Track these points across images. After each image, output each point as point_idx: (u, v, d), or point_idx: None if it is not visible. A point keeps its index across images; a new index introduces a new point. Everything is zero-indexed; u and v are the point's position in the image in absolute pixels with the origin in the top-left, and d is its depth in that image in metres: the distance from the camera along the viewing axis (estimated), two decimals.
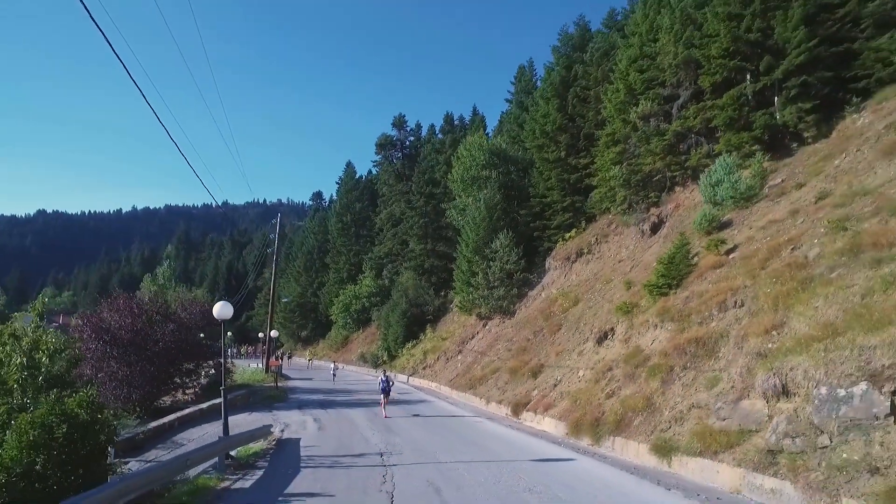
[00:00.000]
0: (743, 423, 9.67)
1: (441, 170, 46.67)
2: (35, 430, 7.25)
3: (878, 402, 7.47)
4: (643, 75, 26.54)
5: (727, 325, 12.68)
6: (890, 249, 10.08)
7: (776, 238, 14.62)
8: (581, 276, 27.26)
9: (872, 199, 12.81)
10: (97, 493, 6.02)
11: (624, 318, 17.54)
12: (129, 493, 6.74)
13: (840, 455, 7.53)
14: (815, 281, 11.15)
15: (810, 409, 8.41)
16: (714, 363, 12.01)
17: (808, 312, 10.28)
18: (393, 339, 40.99)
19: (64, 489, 7.20)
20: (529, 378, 20.79)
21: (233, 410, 19.49)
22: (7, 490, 6.72)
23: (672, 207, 24.91)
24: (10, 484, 6.79)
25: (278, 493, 8.47)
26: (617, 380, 14.91)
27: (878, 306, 8.82)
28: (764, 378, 9.63)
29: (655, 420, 12.05)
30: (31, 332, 10.75)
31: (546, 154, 32.34)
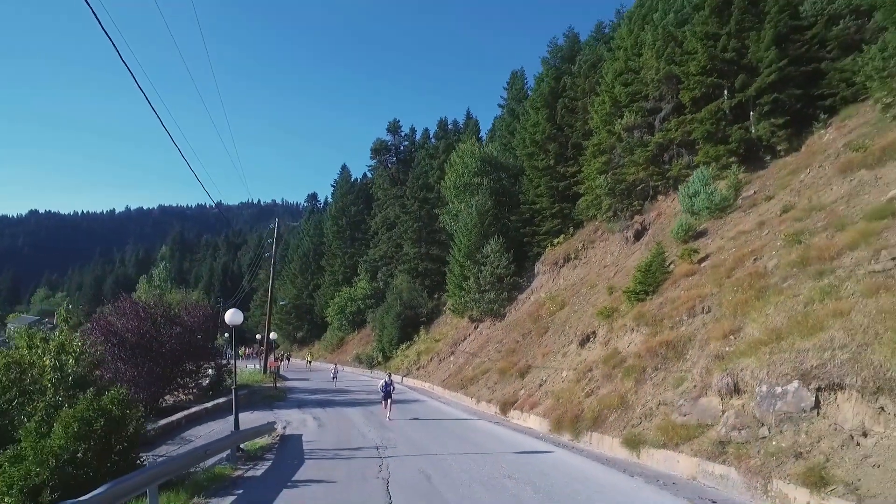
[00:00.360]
0: (701, 418, 10.85)
1: (435, 175, 47.78)
2: (77, 423, 8.35)
3: (805, 398, 8.67)
4: (628, 88, 27.79)
5: (695, 329, 13.87)
6: (831, 262, 11.29)
7: (742, 248, 15.84)
8: (568, 280, 28.46)
9: (825, 214, 14.05)
10: (141, 474, 7.11)
11: (605, 322, 18.73)
12: (163, 476, 7.84)
13: (774, 443, 8.72)
14: (769, 290, 12.35)
15: (754, 404, 9.60)
16: (681, 364, 13.18)
17: (761, 319, 11.48)
18: (387, 341, 42.08)
19: (102, 475, 8.29)
20: (517, 378, 21.94)
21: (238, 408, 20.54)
22: (57, 474, 7.81)
23: (654, 215, 26.15)
24: (59, 468, 7.88)
25: (287, 480, 9.58)
26: (596, 380, 16.07)
27: (814, 314, 10.02)
28: (719, 378, 10.82)
29: (628, 416, 13.21)
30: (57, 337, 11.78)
31: (536, 162, 33.55)
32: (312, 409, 21.24)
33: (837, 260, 11.28)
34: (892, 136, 15.46)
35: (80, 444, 8.25)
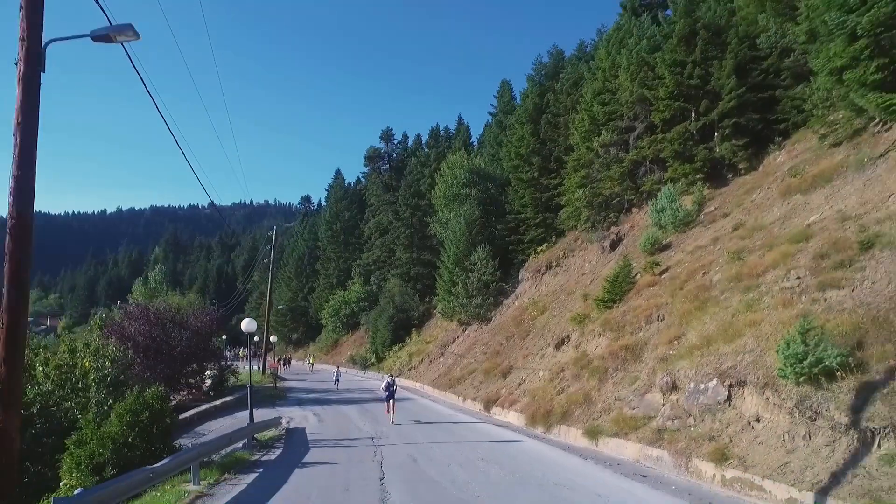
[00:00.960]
0: (646, 411, 12.86)
1: (426, 182, 49.71)
2: (128, 414, 10.23)
3: (720, 393, 10.69)
4: (605, 108, 29.83)
5: (650, 335, 15.88)
6: (757, 279, 13.33)
7: (696, 263, 17.88)
8: (550, 287, 30.47)
9: (763, 234, 16.11)
10: (188, 453, 9.01)
11: (577, 327, 20.74)
12: (203, 455, 9.73)
13: (696, 430, 10.73)
14: (710, 302, 14.38)
15: (684, 399, 11.62)
16: (637, 366, 15.18)
17: (699, 327, 13.51)
18: (381, 343, 43.97)
19: (147, 455, 10.17)
20: (500, 378, 23.90)
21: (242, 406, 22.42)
22: (115, 454, 9.70)
23: (629, 227, 28.21)
24: (117, 449, 9.76)
25: (297, 462, 11.48)
26: (566, 379, 18.06)
27: (736, 324, 12.05)
28: (661, 377, 12.84)
29: (590, 411, 15.20)
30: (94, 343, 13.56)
31: (521, 174, 35.58)
32: (312, 407, 23.12)
33: (762, 277, 13.31)
34: (824, 163, 17.54)
35: (130, 431, 10.14)
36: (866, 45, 11.35)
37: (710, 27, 25.33)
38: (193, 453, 9.26)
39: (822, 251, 12.17)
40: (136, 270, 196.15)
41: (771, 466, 8.57)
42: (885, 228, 11.23)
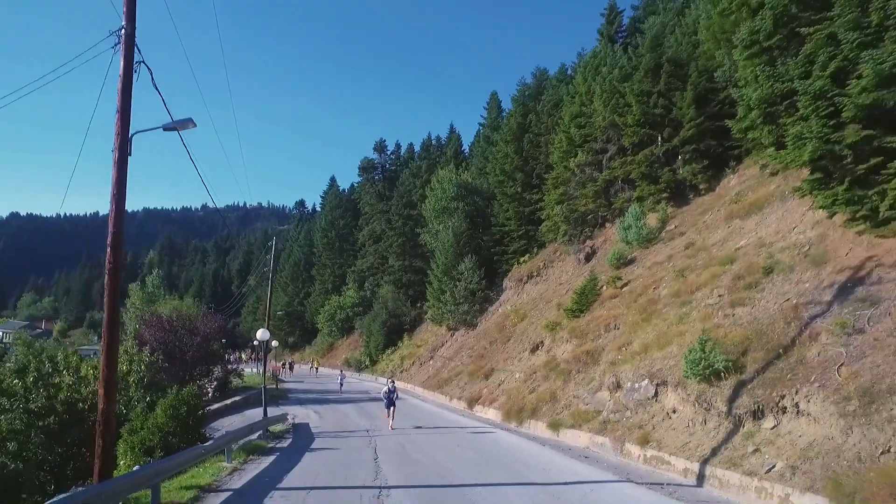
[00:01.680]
0: (596, 406, 15.40)
1: (418, 193, 52.20)
2: (171, 408, 12.67)
3: (650, 391, 13.24)
4: (581, 131, 32.43)
5: (607, 342, 18.44)
6: (691, 295, 15.91)
7: (651, 278, 20.46)
8: (530, 295, 33.03)
9: (705, 254, 18.71)
10: (226, 438, 11.47)
11: (549, 334, 23.30)
12: (234, 441, 12.19)
13: (630, 421, 13.28)
14: (654, 314, 16.96)
15: (623, 395, 14.17)
16: (595, 368, 17.72)
17: (642, 335, 16.07)
18: (374, 346, 46.40)
19: (186, 441, 12.60)
20: (483, 379, 26.42)
21: (249, 406, 24.85)
22: (161, 439, 12.13)
23: (602, 241, 30.81)
24: (163, 436, 12.19)
25: (306, 448, 13.93)
26: (538, 380, 20.59)
27: (669, 334, 14.61)
28: (609, 378, 15.39)
29: (555, 407, 17.72)
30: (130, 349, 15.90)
31: (505, 189, 38.16)
32: (312, 406, 25.56)
33: (694, 294, 15.90)
34: (761, 192, 20.16)
35: (172, 422, 12.57)
36: (758, 115, 14.00)
37: (674, 61, 27.96)
38: (228, 438, 11.71)
39: (739, 273, 14.77)
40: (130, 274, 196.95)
41: (677, 446, 11.11)
42: (784, 256, 13.83)
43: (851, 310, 10.05)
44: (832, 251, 12.42)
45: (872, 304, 9.78)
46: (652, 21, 34.07)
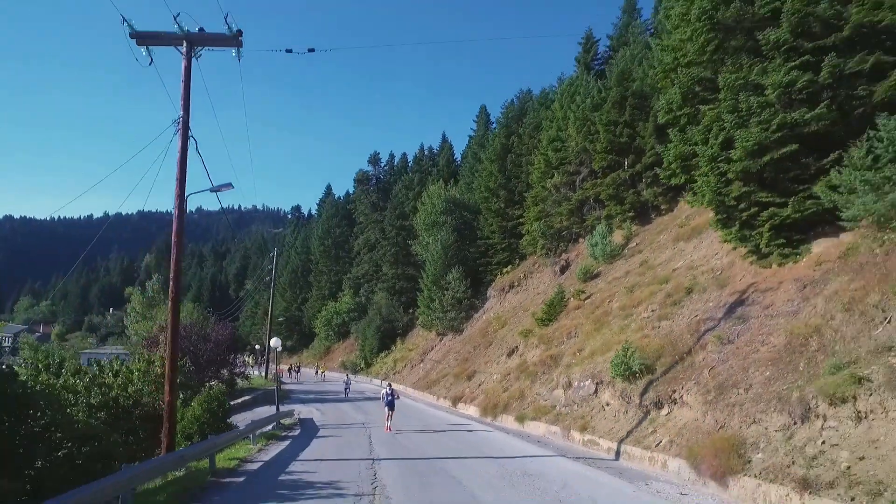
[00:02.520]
0: (552, 402, 18.55)
1: (410, 205, 55.31)
2: (205, 402, 15.74)
3: (591, 388, 16.42)
4: (558, 154, 35.66)
5: (566, 348, 21.60)
6: (633, 309, 19.10)
7: (608, 292, 23.65)
8: (511, 304, 36.20)
9: (652, 272, 21.90)
10: (252, 426, 14.57)
11: (523, 340, 26.46)
12: (255, 429, 15.28)
13: (576, 413, 16.44)
14: (605, 325, 20.14)
15: (572, 392, 17.34)
16: (555, 370, 20.86)
17: (592, 343, 19.25)
18: (369, 350, 49.46)
19: (215, 430, 15.65)
20: (466, 380, 29.54)
21: (257, 404, 27.88)
22: (198, 428, 15.19)
23: (575, 255, 34.01)
24: (200, 426, 15.26)
25: (314, 435, 17.00)
26: (511, 381, 23.73)
27: (612, 341, 17.77)
28: (563, 378, 18.56)
29: (522, 404, 20.85)
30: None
31: (490, 205, 41.36)
32: (314, 404, 28.62)
33: (636, 308, 19.09)
34: (703, 217, 23.24)
35: (206, 414, 15.65)
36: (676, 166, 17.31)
37: (637, 94, 31.16)
38: (253, 426, 14.81)
39: (670, 292, 17.98)
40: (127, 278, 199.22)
41: (606, 431, 14.27)
42: (702, 279, 17.05)
43: (730, 325, 13.26)
44: (733, 277, 15.65)
45: (744, 321, 12.99)
46: (623, 53, 37.31)
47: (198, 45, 12.61)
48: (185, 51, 12.44)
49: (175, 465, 9.84)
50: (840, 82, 12.22)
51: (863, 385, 8.22)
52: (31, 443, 8.74)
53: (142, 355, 19.22)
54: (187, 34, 12.36)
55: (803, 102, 12.53)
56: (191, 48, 12.50)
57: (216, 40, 12.68)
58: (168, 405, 11.66)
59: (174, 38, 12.39)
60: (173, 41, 12.45)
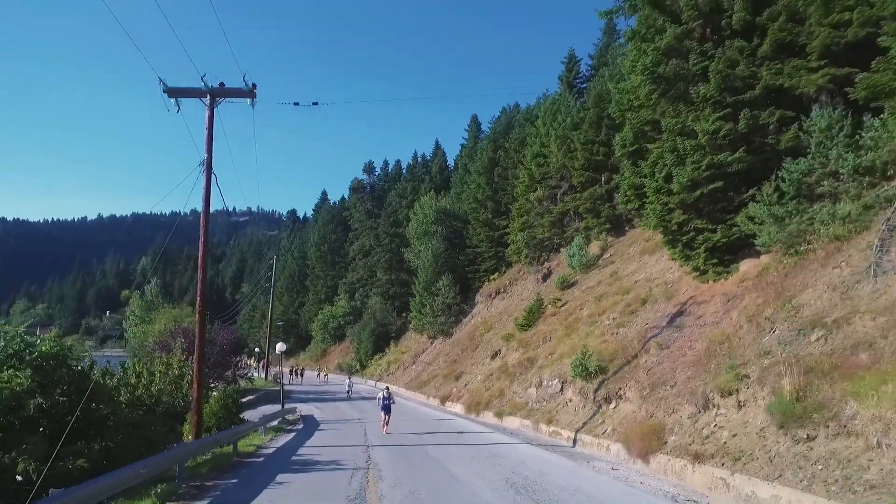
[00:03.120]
0: (526, 399, 20.99)
1: (404, 213, 57.75)
2: (221, 400, 18.10)
3: (557, 387, 18.87)
4: (540, 169, 38.12)
5: (542, 351, 24.03)
6: (599, 317, 21.55)
7: (581, 300, 26.10)
8: (497, 309, 38.63)
9: (619, 283, 24.36)
10: (263, 420, 16.93)
11: (505, 344, 28.89)
12: (266, 422, 17.67)
13: (545, 408, 18.88)
14: (574, 331, 22.59)
15: (542, 391, 19.79)
16: (530, 371, 23.27)
17: (562, 347, 21.68)
18: (364, 353, 51.80)
19: (229, 423, 18.02)
20: (454, 381, 31.93)
21: (261, 403, 30.17)
22: (216, 422, 17.54)
23: (556, 263, 36.47)
24: (217, 420, 17.60)
25: (315, 429, 19.36)
26: (493, 381, 26.15)
27: (578, 346, 20.19)
28: (535, 378, 21.01)
29: (502, 401, 23.26)
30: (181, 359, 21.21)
31: (478, 215, 43.81)
32: (313, 403, 30.96)
33: (601, 316, 21.55)
34: None
35: (221, 410, 18.00)
36: (631, 194, 19.77)
37: (613, 116, 33.69)
38: (264, 420, 17.21)
39: (629, 302, 20.45)
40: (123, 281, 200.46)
41: (567, 423, 16.71)
42: (656, 291, 19.53)
43: (669, 333, 15.74)
44: (679, 290, 18.14)
45: (679, 329, 15.47)
46: (602, 73, 39.83)
47: (219, 98, 14.98)
48: (208, 103, 14.82)
49: (213, 446, 12.24)
50: (755, 131, 14.73)
51: (743, 381, 10.70)
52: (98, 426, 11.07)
53: (160, 359, 21.57)
54: (210, 89, 14.75)
55: (726, 147, 15.02)
56: (213, 100, 14.88)
57: (235, 93, 15.08)
58: (196, 401, 14.02)
59: (199, 92, 14.77)
60: (199, 95, 14.83)
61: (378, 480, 10.24)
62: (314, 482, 10.37)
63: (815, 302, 11.49)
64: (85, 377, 11.18)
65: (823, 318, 10.69)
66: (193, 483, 9.97)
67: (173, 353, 24.64)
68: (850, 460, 7.62)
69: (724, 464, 9.48)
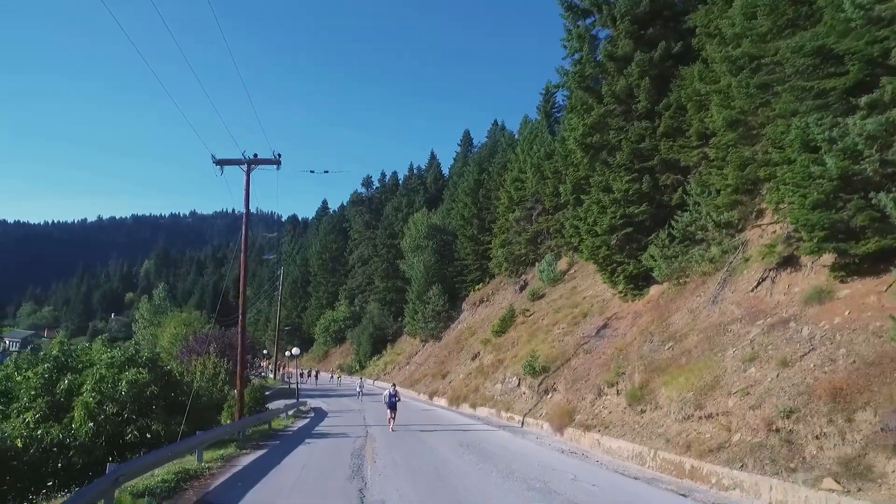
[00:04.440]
0: (494, 393, 26.05)
1: (399, 225, 62.79)
2: (252, 393, 23.15)
3: (515, 383, 23.95)
4: (518, 192, 43.15)
5: (509, 354, 29.06)
6: (552, 326, 26.61)
7: (544, 310, 31.15)
8: (480, 316, 43.68)
9: (574, 297, 29.43)
10: (286, 408, 21.94)
11: (483, 347, 33.95)
12: (285, 411, 22.70)
13: (507, 400, 23.95)
14: (535, 337, 27.63)
15: (505, 386, 24.86)
16: (499, 370, 28.31)
17: (524, 350, 26.73)
18: (363, 354, 56.83)
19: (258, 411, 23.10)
20: (441, 379, 36.98)
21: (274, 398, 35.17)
22: (248, 408, 22.58)
23: (531, 276, 41.50)
24: (249, 408, 22.64)
25: (325, 416, 24.40)
26: (471, 379, 31.18)
27: (534, 349, 25.27)
28: (501, 376, 26.08)
29: (476, 395, 28.30)
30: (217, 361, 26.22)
31: (465, 231, 48.89)
32: (320, 398, 35.99)
33: (555, 326, 26.61)
34: None
35: (252, 400, 23.05)
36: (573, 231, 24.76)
37: None
38: (286, 408, 22.26)
39: (575, 315, 25.53)
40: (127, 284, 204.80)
41: (519, 410, 21.76)
42: (594, 307, 24.59)
43: (594, 341, 20.81)
44: (608, 308, 23.21)
45: (601, 338, 20.54)
46: None
47: (254, 166, 20.02)
48: (245, 170, 19.86)
49: (257, 423, 17.44)
50: (654, 190, 19.81)
51: (621, 377, 15.78)
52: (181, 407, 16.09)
53: (199, 361, 26.57)
54: (248, 160, 19.78)
55: (635, 201, 20.09)
56: (249, 167, 19.92)
57: (265, 162, 20.09)
58: (239, 392, 19.04)
59: (239, 161, 19.79)
60: (238, 163, 19.85)
61: (373, 442, 15.29)
62: (331, 443, 15.42)
63: (679, 321, 16.59)
64: (169, 374, 16.23)
65: (676, 334, 15.79)
66: (251, 444, 15.01)
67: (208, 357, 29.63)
68: (655, 422, 12.71)
69: (600, 430, 14.56)
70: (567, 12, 22.44)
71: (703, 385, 11.95)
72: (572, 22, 22.44)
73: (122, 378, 14.02)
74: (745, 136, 14.19)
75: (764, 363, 11.03)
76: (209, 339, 35.67)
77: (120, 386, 13.80)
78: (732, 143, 14.53)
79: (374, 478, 10.18)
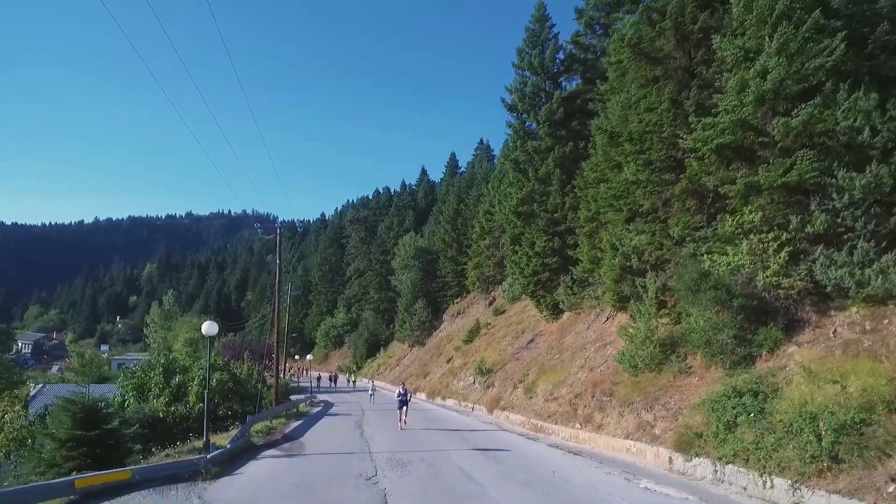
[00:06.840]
0: (458, 388, 34.87)
1: (391, 243, 71.52)
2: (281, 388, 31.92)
3: (470, 380, 32.80)
4: (489, 223, 51.97)
5: (472, 358, 37.82)
6: (504, 337, 35.42)
7: (502, 324, 39.95)
8: (458, 325, 52.46)
9: (522, 314, 38.21)
10: (304, 400, 30.65)
11: (455, 353, 42.75)
12: (302, 402, 31.44)
13: (465, 392, 32.80)
14: (491, 346, 36.47)
15: (464, 382, 33.72)
16: (464, 371, 37.10)
17: (481, 355, 35.53)
18: (359, 357, 65.55)
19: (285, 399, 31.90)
20: (423, 378, 45.75)
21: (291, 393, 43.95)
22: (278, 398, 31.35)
23: (498, 294, 50.37)
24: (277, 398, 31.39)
25: (333, 406, 33.16)
26: (444, 377, 39.98)
27: (488, 355, 34.08)
28: (463, 375, 34.94)
29: (447, 390, 37.07)
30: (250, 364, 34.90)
31: (445, 253, 57.73)
32: (327, 395, 44.70)
33: (505, 337, 35.44)
34: None
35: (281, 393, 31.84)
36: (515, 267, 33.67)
37: None
38: (305, 399, 30.93)
39: (518, 330, 34.37)
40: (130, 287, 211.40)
41: (473, 400, 30.57)
42: (531, 324, 33.41)
43: (524, 351, 29.64)
44: (538, 326, 32.05)
45: (529, 349, 29.40)
46: None
47: (282, 231, 28.81)
48: (277, 239, 28.61)
49: (291, 406, 26.18)
50: (562, 247, 28.68)
51: (527, 376, 24.63)
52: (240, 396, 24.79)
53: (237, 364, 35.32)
54: (279, 230, 28.55)
55: (550, 254, 28.91)
56: (280, 235, 28.68)
57: (292, 227, 28.87)
58: (276, 385, 27.79)
59: (274, 231, 28.58)
60: (273, 233, 28.62)
61: (368, 417, 24.11)
62: (341, 418, 24.23)
63: (568, 340, 25.48)
64: (235, 375, 24.99)
65: (562, 349, 24.68)
66: (292, 417, 23.76)
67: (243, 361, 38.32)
68: (533, 403, 21.58)
69: (509, 410, 23.41)
70: (510, 111, 31.35)
71: (557, 381, 20.84)
72: (514, 117, 31.34)
73: (213, 378, 22.72)
74: (596, 229, 23.07)
75: (585, 369, 19.93)
76: (243, 347, 44.49)
77: (213, 383, 22.51)
78: (587, 234, 23.40)
79: (366, 428, 19.05)
